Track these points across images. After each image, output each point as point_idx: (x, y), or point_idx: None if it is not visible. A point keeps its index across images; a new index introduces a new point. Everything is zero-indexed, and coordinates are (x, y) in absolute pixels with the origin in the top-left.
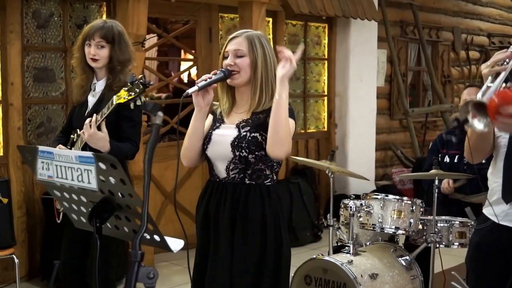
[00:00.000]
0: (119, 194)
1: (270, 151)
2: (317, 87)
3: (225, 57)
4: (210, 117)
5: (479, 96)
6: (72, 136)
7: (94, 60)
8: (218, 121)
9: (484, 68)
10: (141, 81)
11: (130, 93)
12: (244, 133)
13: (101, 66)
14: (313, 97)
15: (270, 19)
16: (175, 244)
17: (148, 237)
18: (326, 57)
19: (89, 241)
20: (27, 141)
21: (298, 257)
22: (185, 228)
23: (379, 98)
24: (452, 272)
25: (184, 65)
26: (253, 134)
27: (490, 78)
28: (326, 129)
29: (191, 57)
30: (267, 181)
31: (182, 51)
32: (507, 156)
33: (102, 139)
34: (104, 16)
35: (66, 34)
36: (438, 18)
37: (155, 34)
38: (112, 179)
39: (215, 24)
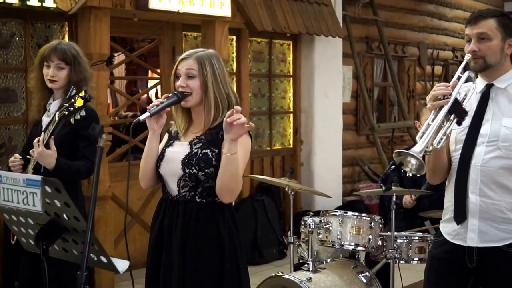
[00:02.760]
0: (65, 216)
1: (218, 195)
2: (282, 104)
3: (176, 77)
4: (167, 135)
5: (419, 136)
6: (28, 156)
7: (52, 81)
8: (172, 139)
9: (428, 102)
10: (82, 95)
11: (70, 107)
12: (196, 150)
13: (58, 87)
14: (279, 114)
15: (234, 37)
16: (121, 264)
17: (95, 258)
18: (291, 74)
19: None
20: None
21: (262, 274)
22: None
23: (346, 114)
24: None
25: (151, 83)
26: (204, 151)
27: (432, 114)
28: (291, 145)
29: (157, 75)
30: (218, 197)
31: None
32: (457, 179)
33: (50, 157)
34: (66, 36)
35: (27, 54)
36: (404, 33)
37: (121, 53)
38: (57, 202)
39: (178, 43)
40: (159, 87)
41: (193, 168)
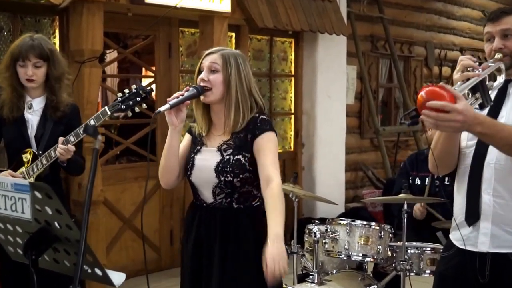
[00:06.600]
0: (56, 224)
1: None
2: (283, 105)
3: (200, 72)
4: (188, 136)
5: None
6: (24, 155)
7: (31, 80)
8: (198, 144)
9: (455, 74)
10: (140, 89)
11: (129, 101)
12: (228, 157)
13: (37, 86)
14: (279, 116)
15: (233, 34)
16: (117, 277)
17: (89, 270)
18: (292, 73)
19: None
20: None
21: None
22: (142, 252)
23: (349, 116)
24: None
25: (145, 82)
26: (236, 157)
27: (459, 83)
28: (292, 149)
29: (151, 73)
30: (255, 201)
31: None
32: (470, 177)
33: (71, 153)
34: (57, 31)
35: None
36: (410, 32)
37: (115, 49)
38: (48, 209)
39: (175, 39)
40: (153, 85)
41: (228, 175)
